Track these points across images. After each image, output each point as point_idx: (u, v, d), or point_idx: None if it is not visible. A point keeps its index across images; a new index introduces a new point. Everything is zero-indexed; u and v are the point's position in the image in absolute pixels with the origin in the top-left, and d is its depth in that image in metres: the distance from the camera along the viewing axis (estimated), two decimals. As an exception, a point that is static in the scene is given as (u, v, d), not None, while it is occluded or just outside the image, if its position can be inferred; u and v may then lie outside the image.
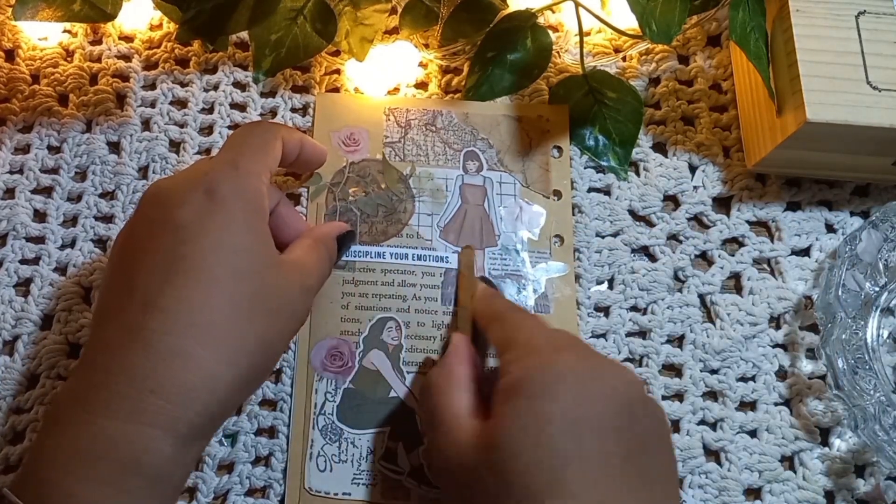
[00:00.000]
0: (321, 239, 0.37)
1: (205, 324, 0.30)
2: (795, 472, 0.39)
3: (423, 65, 0.47)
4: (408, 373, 0.39)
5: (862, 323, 0.38)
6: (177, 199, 0.32)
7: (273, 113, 0.46)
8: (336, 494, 0.37)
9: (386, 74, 0.46)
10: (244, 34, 0.47)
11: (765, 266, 0.43)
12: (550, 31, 0.44)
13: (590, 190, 0.44)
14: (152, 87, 0.47)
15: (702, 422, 0.40)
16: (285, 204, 0.39)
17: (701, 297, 0.42)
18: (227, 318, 0.30)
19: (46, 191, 0.44)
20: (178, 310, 0.30)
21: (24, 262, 0.42)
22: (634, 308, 0.42)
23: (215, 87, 0.46)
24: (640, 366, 0.41)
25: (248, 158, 0.34)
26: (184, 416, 0.29)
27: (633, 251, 0.43)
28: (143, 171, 0.44)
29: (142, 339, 0.29)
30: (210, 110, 0.46)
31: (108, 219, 0.43)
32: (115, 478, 0.28)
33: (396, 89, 0.46)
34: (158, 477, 0.29)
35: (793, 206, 0.44)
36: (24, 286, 0.42)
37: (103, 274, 0.35)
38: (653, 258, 0.43)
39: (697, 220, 0.44)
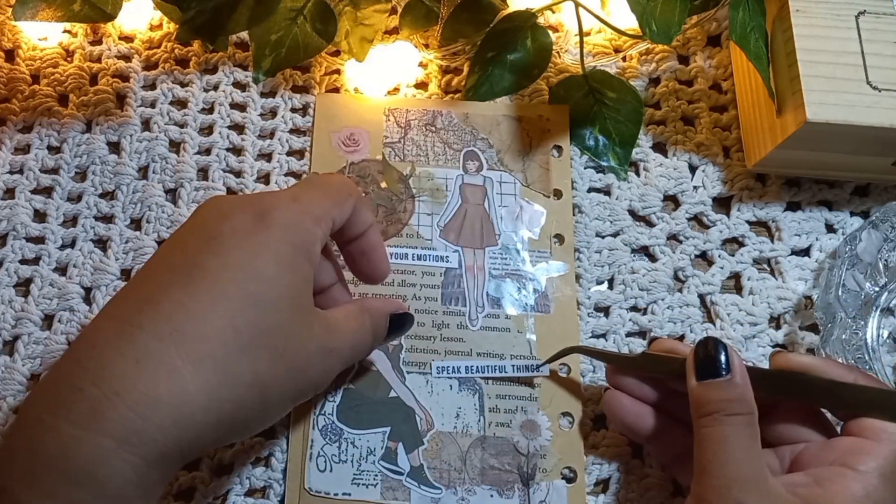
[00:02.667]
0: (371, 311, 0.35)
1: (195, 336, 0.27)
2: (795, 472, 0.39)
3: (423, 65, 0.47)
4: (408, 373, 0.39)
5: (862, 323, 0.38)
6: (224, 212, 0.31)
7: (273, 113, 0.46)
8: (336, 494, 0.37)
9: (386, 74, 0.46)
10: (244, 34, 0.47)
11: (765, 266, 0.43)
12: (550, 31, 0.44)
13: (590, 190, 0.44)
14: (152, 87, 0.47)
15: (702, 422, 0.40)
16: (375, 234, 0.36)
17: (701, 297, 0.42)
18: (223, 340, 0.28)
19: (46, 191, 0.44)
20: (173, 313, 0.27)
21: (24, 262, 0.42)
22: (634, 308, 0.42)
23: (215, 87, 0.46)
24: (640, 366, 0.41)
25: (312, 199, 0.32)
26: (145, 432, 0.26)
27: (633, 251, 0.43)
28: (143, 171, 0.44)
29: (126, 334, 0.27)
30: (210, 110, 0.46)
31: (108, 219, 0.43)
32: (62, 489, 0.25)
33: (396, 89, 0.46)
34: (109, 496, 0.26)
35: (793, 206, 0.44)
36: (24, 286, 0.42)
37: None
38: (653, 258, 0.43)
39: (697, 220, 0.44)
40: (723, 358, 0.32)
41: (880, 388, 0.32)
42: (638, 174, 0.45)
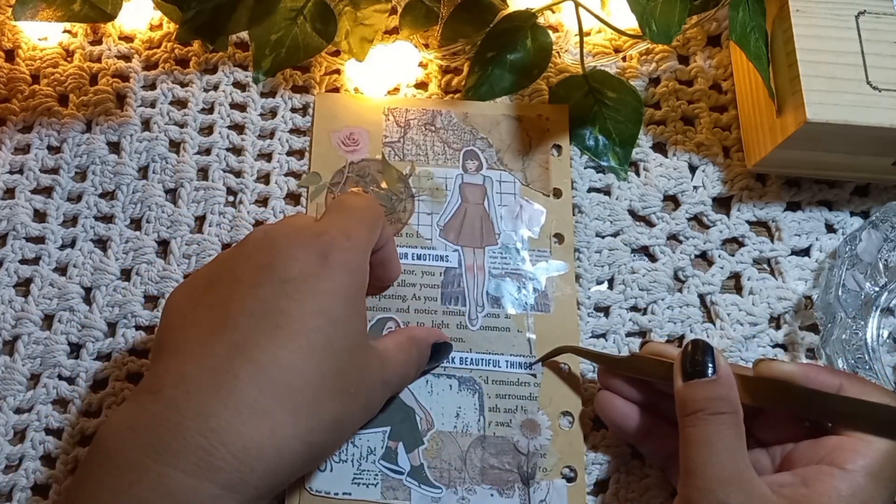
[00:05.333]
0: (417, 341, 0.37)
1: (290, 387, 0.29)
2: (795, 472, 0.39)
3: (423, 65, 0.47)
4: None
5: (862, 323, 0.38)
6: (287, 251, 0.31)
7: (273, 113, 0.46)
8: (336, 494, 0.37)
9: (386, 74, 0.46)
10: (244, 34, 0.47)
11: (765, 266, 0.43)
12: (550, 31, 0.44)
13: (590, 190, 0.44)
14: (152, 87, 0.47)
15: (702, 422, 0.40)
16: (392, 243, 0.39)
17: (701, 297, 0.42)
18: (313, 387, 0.29)
19: (46, 191, 0.44)
20: (268, 365, 0.29)
21: (24, 262, 0.42)
22: (634, 308, 0.42)
23: (215, 87, 0.46)
24: (640, 366, 0.41)
25: (359, 232, 0.33)
26: (249, 479, 0.28)
27: (633, 251, 0.43)
28: (143, 171, 0.44)
29: (225, 384, 0.28)
30: (210, 110, 0.46)
31: (108, 219, 0.43)
32: None
33: (396, 89, 0.46)
34: None
35: (793, 206, 0.44)
36: (24, 286, 0.42)
37: (181, 294, 0.33)
38: (653, 258, 0.43)
39: (697, 220, 0.44)
40: (709, 360, 0.33)
41: (862, 401, 0.31)
42: (638, 174, 0.45)
